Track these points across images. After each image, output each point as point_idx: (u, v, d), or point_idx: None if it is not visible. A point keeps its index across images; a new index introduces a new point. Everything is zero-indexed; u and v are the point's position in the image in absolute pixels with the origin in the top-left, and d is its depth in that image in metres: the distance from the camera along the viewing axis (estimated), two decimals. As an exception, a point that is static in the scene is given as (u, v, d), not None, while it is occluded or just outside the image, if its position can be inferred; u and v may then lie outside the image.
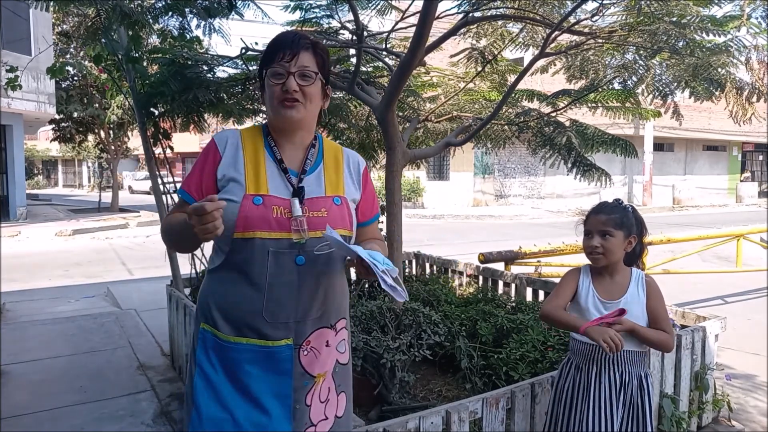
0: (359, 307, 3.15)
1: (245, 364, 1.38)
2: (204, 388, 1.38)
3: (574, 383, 1.99)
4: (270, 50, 1.41)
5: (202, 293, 1.48)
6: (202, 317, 1.44)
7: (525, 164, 20.40)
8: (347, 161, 1.55)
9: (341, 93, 4.14)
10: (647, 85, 3.48)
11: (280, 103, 1.38)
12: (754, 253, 6.81)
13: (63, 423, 3.04)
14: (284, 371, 1.39)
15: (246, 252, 1.36)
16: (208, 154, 1.44)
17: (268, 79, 1.40)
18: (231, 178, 1.39)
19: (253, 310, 1.37)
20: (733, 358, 4.12)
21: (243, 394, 1.37)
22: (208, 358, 1.40)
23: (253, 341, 1.38)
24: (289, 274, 1.37)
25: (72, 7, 5.02)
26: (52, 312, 5.54)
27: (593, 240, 1.94)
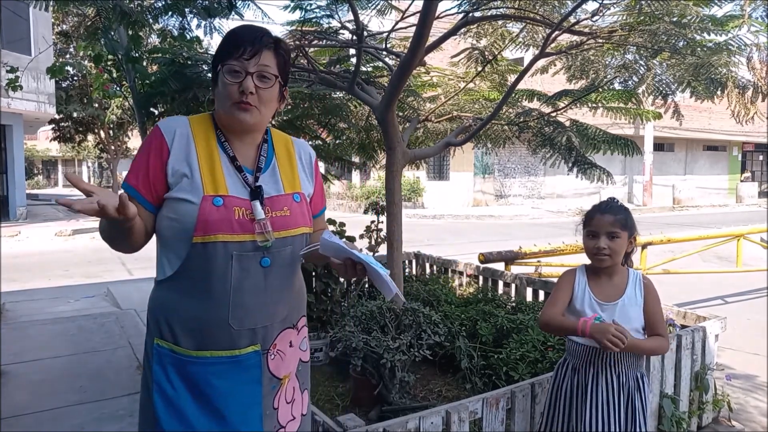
0: (359, 307, 3.15)
1: (210, 378, 1.29)
2: (164, 405, 1.29)
3: (572, 385, 1.99)
4: (229, 43, 1.31)
5: (154, 307, 1.35)
6: (156, 332, 1.32)
7: (525, 164, 20.39)
8: (299, 154, 1.49)
9: (341, 93, 4.13)
10: (648, 86, 3.48)
11: (234, 105, 1.29)
12: (754, 253, 6.80)
13: (63, 423, 3.04)
14: (253, 379, 1.33)
15: (207, 257, 1.26)
16: (153, 145, 1.30)
17: (223, 75, 1.29)
18: (183, 174, 1.28)
19: (218, 318, 1.28)
20: (733, 358, 4.12)
21: (208, 410, 1.29)
22: (165, 375, 1.29)
23: (218, 353, 1.29)
24: (254, 278, 1.30)
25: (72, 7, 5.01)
26: (52, 312, 5.54)
27: (600, 241, 1.90)
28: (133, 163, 1.32)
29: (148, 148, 1.30)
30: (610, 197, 2.07)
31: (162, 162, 1.28)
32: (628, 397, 1.92)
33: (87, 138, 19.12)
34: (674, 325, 3.20)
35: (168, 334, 1.30)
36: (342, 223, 4.35)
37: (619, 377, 1.92)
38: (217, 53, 1.33)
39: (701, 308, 5.64)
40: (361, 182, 22.32)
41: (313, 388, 3.28)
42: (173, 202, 1.28)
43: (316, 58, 4.16)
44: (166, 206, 1.29)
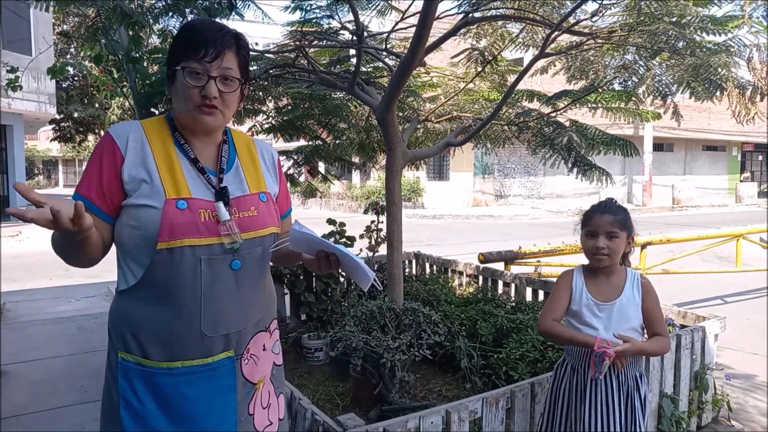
0: (359, 306, 3.16)
1: (183, 389, 1.24)
2: (132, 421, 1.23)
3: (571, 385, 1.99)
4: (189, 42, 1.24)
5: (116, 319, 1.28)
6: (120, 346, 1.25)
7: (525, 164, 20.40)
8: (261, 154, 1.45)
9: (341, 93, 4.14)
10: (647, 86, 3.49)
11: (196, 108, 1.24)
12: (753, 253, 6.81)
13: (63, 423, 3.05)
14: (227, 386, 1.29)
15: (174, 263, 1.20)
16: (104, 152, 1.23)
17: (184, 77, 1.23)
18: (141, 180, 1.22)
19: (190, 326, 1.23)
20: (733, 358, 4.12)
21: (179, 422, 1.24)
22: (132, 390, 1.23)
23: (190, 362, 1.24)
24: (226, 282, 1.26)
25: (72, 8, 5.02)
26: (53, 312, 5.54)
27: (599, 241, 1.90)
28: (85, 172, 1.24)
29: (100, 156, 1.23)
30: (609, 197, 2.07)
31: (116, 169, 1.22)
32: (627, 397, 1.92)
33: (87, 138, 19.14)
34: (674, 325, 3.21)
35: (134, 346, 1.24)
36: (342, 223, 4.35)
37: (618, 377, 1.92)
38: (175, 50, 1.27)
39: (701, 308, 5.65)
40: (361, 182, 22.32)
41: (313, 387, 3.29)
42: (132, 209, 1.22)
43: (316, 58, 4.17)
44: (124, 214, 1.23)
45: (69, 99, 16.53)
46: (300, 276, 4.24)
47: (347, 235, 4.28)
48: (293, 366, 3.67)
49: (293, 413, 2.20)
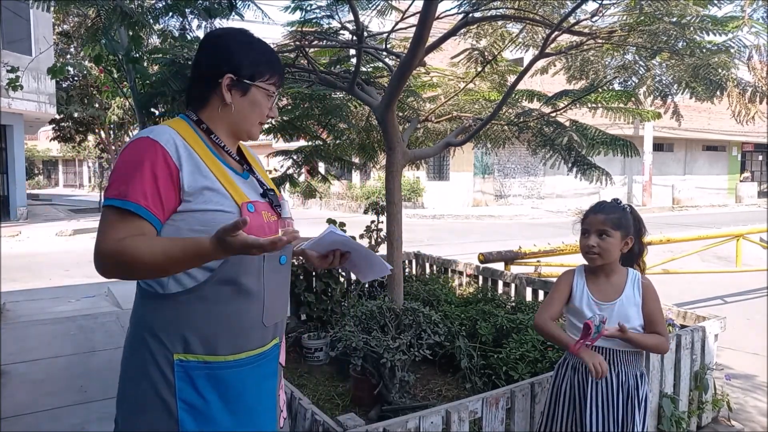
0: (359, 306, 3.16)
1: (245, 377, 1.30)
2: (194, 421, 1.25)
3: (571, 384, 1.99)
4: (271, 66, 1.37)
5: (171, 323, 1.26)
6: (177, 348, 1.25)
7: (525, 164, 20.40)
8: (256, 157, 1.56)
9: (341, 93, 4.14)
10: (648, 87, 3.49)
11: (259, 124, 1.39)
12: (753, 253, 6.81)
13: (63, 422, 3.05)
14: (273, 371, 1.39)
15: (243, 263, 1.26)
16: (156, 159, 1.20)
17: (262, 93, 1.35)
18: (205, 188, 1.24)
19: (254, 319, 1.31)
20: (733, 358, 4.12)
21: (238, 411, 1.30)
22: (195, 390, 1.25)
23: (252, 352, 1.31)
24: (278, 275, 1.36)
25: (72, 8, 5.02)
26: (53, 312, 5.55)
27: (590, 239, 1.93)
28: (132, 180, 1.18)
29: (151, 163, 1.20)
30: (614, 198, 2.07)
31: (173, 177, 1.22)
32: (627, 396, 1.93)
33: (87, 138, 19.14)
34: (674, 325, 3.21)
35: (197, 345, 1.25)
36: (342, 223, 4.35)
37: (618, 376, 1.93)
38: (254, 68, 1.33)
39: (701, 308, 5.65)
40: (361, 182, 22.32)
41: (313, 387, 3.29)
42: (199, 214, 1.23)
43: (316, 58, 4.17)
44: (183, 219, 1.23)
45: (69, 99, 16.52)
46: (300, 276, 4.24)
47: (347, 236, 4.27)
48: (293, 366, 3.67)
49: (293, 413, 2.20)
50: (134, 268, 1.16)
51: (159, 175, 1.19)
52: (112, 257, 1.16)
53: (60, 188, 44.43)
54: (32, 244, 11.13)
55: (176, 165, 1.22)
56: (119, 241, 1.15)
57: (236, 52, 1.33)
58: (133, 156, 1.21)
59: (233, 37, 1.36)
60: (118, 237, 1.16)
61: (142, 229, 1.18)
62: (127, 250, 1.14)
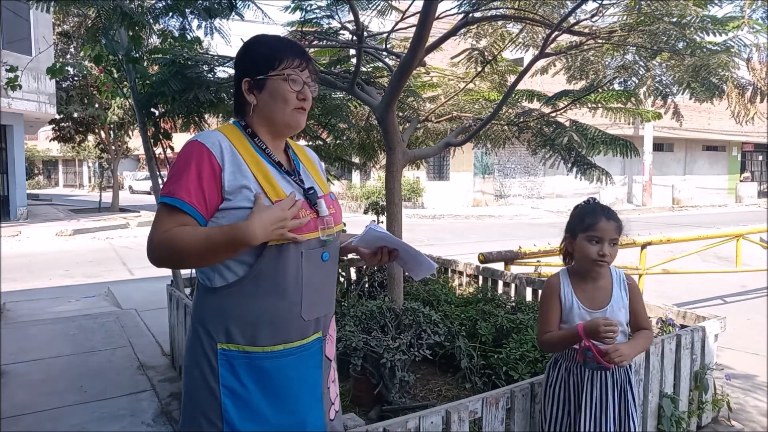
0: (359, 307, 3.16)
1: (284, 369, 1.37)
2: (236, 407, 1.34)
3: (566, 386, 1.97)
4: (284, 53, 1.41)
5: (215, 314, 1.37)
6: (220, 338, 1.35)
7: (525, 164, 20.40)
8: (314, 160, 1.61)
9: (341, 93, 4.14)
10: (648, 87, 3.49)
11: (295, 110, 1.41)
12: (753, 253, 6.81)
13: (63, 422, 3.05)
14: (316, 364, 1.44)
15: (281, 258, 1.34)
16: (202, 160, 1.32)
17: (284, 83, 1.39)
18: (243, 186, 1.32)
19: (292, 313, 1.37)
20: (733, 358, 4.12)
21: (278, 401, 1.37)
22: (236, 377, 1.34)
23: (290, 345, 1.37)
24: (319, 272, 1.41)
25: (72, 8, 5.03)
26: (53, 312, 5.55)
27: (604, 248, 1.86)
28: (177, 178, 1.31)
29: (197, 163, 1.31)
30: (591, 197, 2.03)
31: (216, 176, 1.32)
32: (621, 392, 1.92)
33: (87, 138, 19.12)
34: (674, 325, 3.21)
35: (238, 336, 1.34)
36: (342, 223, 4.35)
37: (612, 375, 1.92)
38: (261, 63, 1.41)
39: (701, 308, 5.65)
40: (361, 182, 22.32)
41: (314, 387, 3.29)
42: (238, 211, 1.31)
43: (317, 58, 4.17)
44: (225, 217, 1.32)
45: (69, 99, 16.49)
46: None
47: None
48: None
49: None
50: (181, 254, 1.28)
51: (204, 174, 1.31)
52: (160, 248, 1.29)
53: (60, 188, 44.43)
54: (32, 244, 11.14)
55: (220, 165, 1.33)
56: (165, 232, 1.28)
57: (245, 56, 1.46)
58: (182, 158, 1.34)
59: (246, 45, 1.48)
60: (165, 229, 1.28)
61: (185, 222, 1.29)
62: (174, 238, 1.27)
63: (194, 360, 1.38)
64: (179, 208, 1.28)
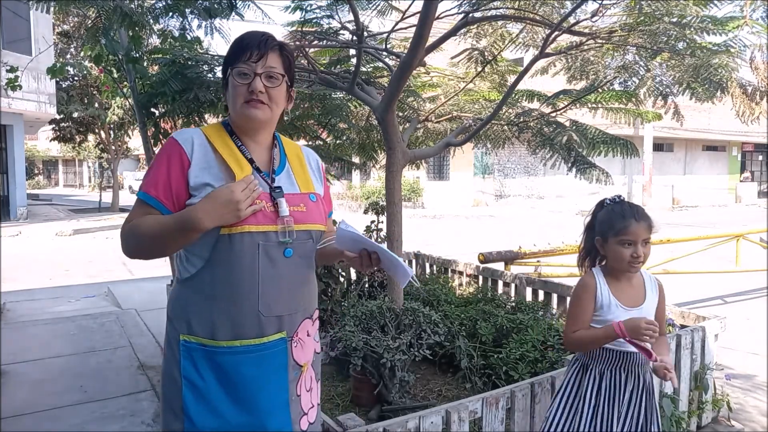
0: (359, 307, 3.16)
1: (241, 367, 1.36)
2: (195, 401, 1.35)
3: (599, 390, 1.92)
4: (236, 49, 1.40)
5: (178, 304, 1.41)
6: (184, 329, 1.37)
7: (525, 164, 20.40)
8: (308, 159, 1.59)
9: (341, 93, 4.14)
10: (648, 88, 3.48)
11: (245, 104, 1.38)
12: (753, 253, 6.81)
13: (63, 422, 3.05)
14: (280, 365, 1.40)
15: (235, 248, 1.33)
16: (172, 155, 1.36)
17: (232, 78, 1.38)
18: (206, 183, 1.34)
19: (249, 307, 1.35)
20: (733, 358, 4.12)
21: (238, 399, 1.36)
22: (195, 369, 1.35)
23: (248, 342, 1.36)
24: (280, 268, 1.38)
25: (72, 8, 5.03)
26: (53, 312, 5.55)
27: (638, 249, 1.85)
28: (149, 173, 1.37)
29: (167, 159, 1.36)
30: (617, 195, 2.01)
31: (183, 172, 1.35)
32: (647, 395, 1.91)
33: (87, 138, 19.13)
34: (674, 325, 3.21)
35: (199, 328, 1.36)
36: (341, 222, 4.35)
37: (644, 377, 1.91)
38: (226, 60, 1.42)
39: (701, 308, 5.65)
40: (361, 182, 22.32)
41: (314, 387, 3.29)
42: None
43: (317, 58, 4.17)
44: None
45: (69, 99, 16.50)
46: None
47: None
48: (293, 366, 3.67)
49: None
50: (142, 241, 1.34)
51: (172, 169, 1.35)
52: (125, 236, 1.36)
53: (60, 188, 44.43)
54: (32, 244, 11.13)
55: (189, 160, 1.36)
56: (129, 222, 1.36)
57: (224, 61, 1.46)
58: (158, 154, 1.39)
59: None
60: (130, 219, 1.36)
61: (150, 213, 1.34)
62: (135, 226, 1.33)
63: (168, 349, 1.42)
64: (144, 201, 1.35)
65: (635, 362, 1.89)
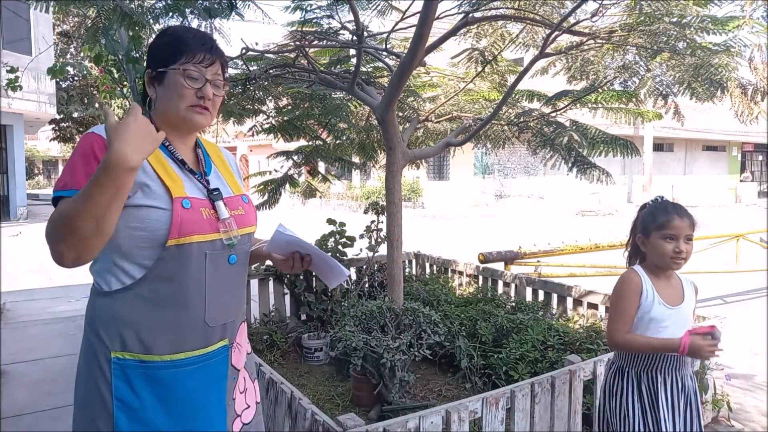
0: (359, 307, 3.16)
1: (184, 380, 1.29)
2: (129, 422, 1.25)
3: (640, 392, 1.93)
4: (180, 47, 1.31)
5: (108, 320, 1.27)
6: (115, 346, 1.25)
7: (525, 164, 20.40)
8: (228, 159, 1.54)
9: (341, 93, 4.14)
10: (648, 88, 3.48)
11: (190, 108, 1.31)
12: (753, 253, 6.81)
13: (63, 422, 3.05)
14: (221, 375, 1.36)
15: (182, 259, 1.26)
16: (99, 153, 1.19)
17: (181, 78, 1.29)
18: (142, 184, 1.23)
19: (194, 318, 1.29)
20: (733, 358, 4.12)
21: (176, 413, 1.29)
22: (130, 388, 1.25)
23: (192, 353, 1.29)
24: (224, 275, 1.34)
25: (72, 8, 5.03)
26: (53, 311, 5.55)
27: (680, 244, 1.86)
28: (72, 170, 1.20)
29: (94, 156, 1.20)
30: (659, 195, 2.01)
31: None
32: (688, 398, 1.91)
33: (87, 138, 19.20)
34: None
35: (134, 344, 1.25)
36: (342, 223, 4.35)
37: (683, 379, 1.90)
38: (162, 53, 1.33)
39: (701, 308, 5.63)
40: (361, 182, 22.33)
41: (313, 387, 3.29)
42: (134, 210, 1.23)
43: (317, 58, 4.17)
44: (122, 217, 1.17)
45: (69, 99, 16.55)
46: (300, 276, 4.24)
47: (347, 235, 4.28)
48: (293, 366, 3.67)
49: (293, 413, 2.20)
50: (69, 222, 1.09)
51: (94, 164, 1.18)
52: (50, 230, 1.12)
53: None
54: (32, 244, 11.13)
55: None
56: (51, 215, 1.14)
57: (150, 48, 1.38)
58: (78, 149, 1.23)
59: (156, 36, 1.41)
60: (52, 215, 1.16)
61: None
62: (58, 213, 1.12)
63: (88, 369, 1.28)
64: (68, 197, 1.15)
65: (671, 365, 1.88)
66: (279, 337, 3.83)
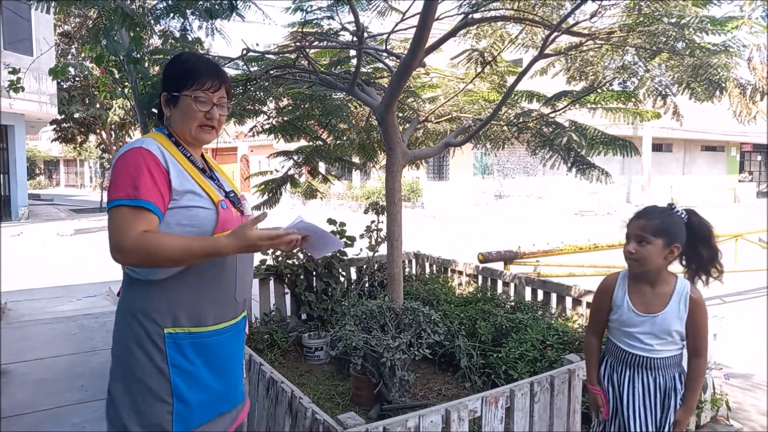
0: (359, 306, 3.17)
1: (224, 344, 1.59)
2: (186, 383, 1.51)
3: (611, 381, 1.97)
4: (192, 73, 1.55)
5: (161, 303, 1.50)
6: (167, 323, 1.49)
7: (524, 164, 20.40)
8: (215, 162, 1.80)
9: (341, 94, 4.15)
10: (647, 88, 3.49)
11: (199, 127, 1.58)
12: (752, 253, 6.82)
13: (64, 422, 3.06)
14: (242, 338, 1.70)
15: None
16: (151, 165, 1.46)
17: (191, 101, 1.55)
18: (188, 190, 1.50)
19: (229, 295, 1.59)
20: (732, 357, 4.13)
21: (219, 371, 1.58)
22: (183, 356, 1.51)
23: (228, 323, 1.60)
24: (245, 259, 1.64)
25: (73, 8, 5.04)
26: (54, 311, 5.56)
27: (629, 245, 1.87)
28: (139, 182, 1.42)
29: (148, 168, 1.44)
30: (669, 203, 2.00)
31: (166, 180, 1.48)
32: (664, 396, 1.89)
33: (88, 138, 19.18)
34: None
35: (185, 320, 1.51)
36: (342, 223, 4.36)
37: (655, 380, 1.89)
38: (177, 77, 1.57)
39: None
40: (361, 182, 22.33)
41: (314, 386, 3.30)
42: (185, 210, 1.49)
43: (317, 59, 4.18)
44: (172, 215, 1.48)
45: (70, 99, 16.55)
46: (300, 275, 4.26)
47: (348, 235, 4.29)
48: (294, 365, 3.68)
49: (294, 412, 2.21)
50: (157, 257, 1.40)
51: (156, 177, 1.45)
52: (136, 249, 1.39)
53: (61, 188, 44.43)
54: (33, 244, 11.15)
55: (165, 168, 1.48)
56: (142, 235, 1.39)
57: (166, 72, 1.62)
58: (132, 163, 1.45)
59: (169, 61, 1.65)
60: (139, 231, 1.39)
61: (151, 221, 1.42)
62: (151, 242, 1.39)
63: (139, 347, 1.49)
64: (146, 209, 1.41)
65: (642, 363, 1.88)
66: (279, 337, 3.84)
